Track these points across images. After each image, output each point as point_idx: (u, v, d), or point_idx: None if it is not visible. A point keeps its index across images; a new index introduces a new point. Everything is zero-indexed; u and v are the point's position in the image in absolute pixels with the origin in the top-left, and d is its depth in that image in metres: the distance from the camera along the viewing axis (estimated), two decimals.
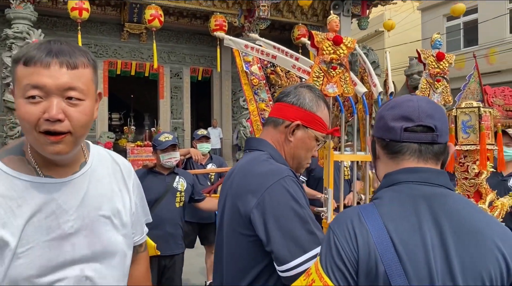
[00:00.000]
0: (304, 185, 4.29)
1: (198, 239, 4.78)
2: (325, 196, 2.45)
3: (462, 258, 0.94)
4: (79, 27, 10.01)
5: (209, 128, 13.31)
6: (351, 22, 13.28)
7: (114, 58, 13.02)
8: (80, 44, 9.91)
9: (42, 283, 1.06)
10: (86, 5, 9.80)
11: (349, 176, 4.16)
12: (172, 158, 3.46)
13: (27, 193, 1.07)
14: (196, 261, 5.58)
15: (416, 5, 18.50)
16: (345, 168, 4.24)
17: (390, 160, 1.09)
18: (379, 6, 13.78)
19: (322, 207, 2.59)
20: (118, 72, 13.22)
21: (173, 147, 3.46)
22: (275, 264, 1.25)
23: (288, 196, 1.26)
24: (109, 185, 1.26)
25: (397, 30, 15.65)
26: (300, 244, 1.22)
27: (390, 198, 1.03)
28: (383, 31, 17.54)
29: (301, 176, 4.20)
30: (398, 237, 0.95)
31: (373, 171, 1.80)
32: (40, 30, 9.65)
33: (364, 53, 10.28)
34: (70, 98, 1.07)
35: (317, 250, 1.20)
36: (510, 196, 3.30)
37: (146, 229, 1.50)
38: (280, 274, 1.24)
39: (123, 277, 1.26)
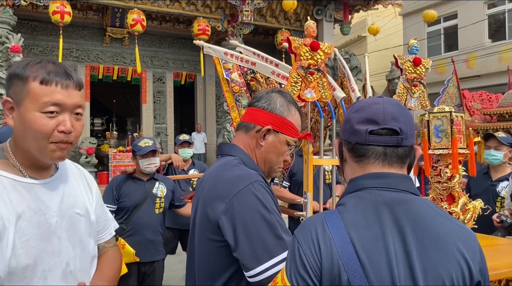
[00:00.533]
0: (286, 190, 4.28)
1: (180, 245, 4.74)
2: (305, 200, 2.45)
3: (424, 263, 0.95)
4: (60, 31, 9.90)
5: (193, 133, 13.27)
6: (334, 28, 13.41)
7: (96, 63, 12.91)
8: (61, 48, 9.82)
9: (36, 271, 1.20)
10: (68, 8, 9.71)
11: (330, 180, 4.18)
12: (152, 164, 3.43)
13: (15, 191, 1.21)
14: (178, 267, 5.53)
15: (398, 11, 18.76)
16: (326, 172, 4.26)
17: (355, 163, 1.09)
18: (361, 11, 13.95)
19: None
20: (100, 77, 13.10)
21: (153, 152, 3.42)
22: (243, 269, 1.25)
23: (257, 201, 1.27)
24: (78, 187, 1.42)
25: (379, 36, 15.83)
26: (267, 249, 1.22)
27: (354, 204, 1.02)
28: (366, 36, 17.76)
29: (284, 181, 4.20)
30: (360, 245, 0.95)
31: None
32: (19, 35, 9.52)
33: (346, 59, 10.35)
34: (77, 113, 1.28)
35: (285, 254, 1.20)
36: (498, 201, 3.32)
37: (112, 232, 1.59)
38: (249, 279, 1.24)
39: (92, 267, 1.41)
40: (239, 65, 2.93)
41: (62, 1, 9.60)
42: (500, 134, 3.37)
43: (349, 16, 13.47)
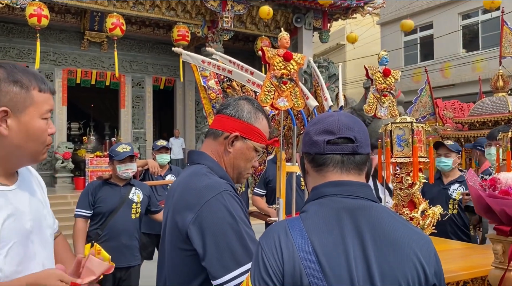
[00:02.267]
0: (263, 201, 4.33)
1: (157, 251, 4.74)
2: (277, 206, 2.51)
3: (381, 266, 1.00)
4: (37, 35, 9.78)
5: (171, 139, 13.22)
6: (313, 35, 13.60)
7: (74, 66, 12.78)
8: (38, 51, 9.70)
9: (19, 276, 1.23)
10: (45, 12, 9.60)
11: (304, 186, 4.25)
12: (129, 169, 3.45)
13: None
14: (155, 273, 5.51)
15: (376, 20, 19.12)
16: (302, 178, 4.33)
17: (316, 172, 1.14)
18: (339, 20, 14.19)
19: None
20: (78, 81, 12.97)
21: (130, 158, 3.44)
22: (210, 278, 1.28)
23: (225, 211, 1.29)
24: (37, 190, 1.45)
25: (358, 44, 16.11)
26: (234, 258, 1.25)
27: (315, 211, 1.07)
28: (344, 44, 18.04)
29: (256, 188, 4.24)
30: (321, 249, 1.00)
31: None
32: None
33: (325, 66, 10.45)
34: None
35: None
36: (451, 203, 3.51)
37: (57, 223, 1.63)
38: None
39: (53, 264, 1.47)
40: (216, 73, 2.98)
41: (39, 4, 9.49)
42: (449, 142, 3.61)
43: (328, 25, 13.68)
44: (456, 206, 3.51)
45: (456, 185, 3.56)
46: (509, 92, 6.74)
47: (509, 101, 6.47)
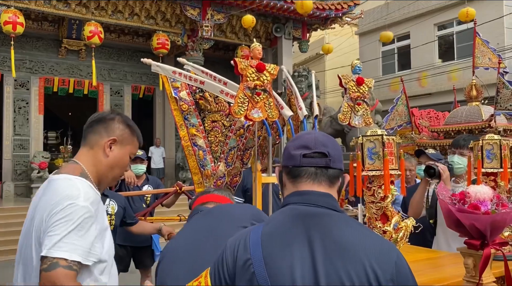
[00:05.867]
0: None
1: (132, 263, 4.65)
2: None
3: (327, 269, 1.09)
4: (12, 42, 9.59)
5: (151, 148, 13.07)
6: (293, 45, 13.69)
7: (51, 75, 12.55)
8: (13, 59, 9.51)
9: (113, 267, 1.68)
10: (21, 19, 9.44)
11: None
12: None
13: (101, 206, 1.64)
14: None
15: (354, 30, 19.38)
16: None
17: (291, 184, 1.25)
18: (319, 30, 14.33)
19: None
20: (55, 89, 12.73)
21: None
22: None
23: None
24: None
25: (337, 54, 16.29)
26: None
27: (275, 217, 1.24)
28: (324, 54, 18.21)
29: (235, 197, 4.19)
30: (268, 252, 1.15)
31: None
32: None
33: (305, 75, 10.49)
34: None
35: None
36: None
37: None
38: None
39: None
40: (188, 84, 2.94)
41: (15, 11, 9.33)
42: (430, 151, 3.59)
43: (307, 35, 13.80)
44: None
45: None
46: (482, 101, 6.87)
47: (482, 110, 6.60)
